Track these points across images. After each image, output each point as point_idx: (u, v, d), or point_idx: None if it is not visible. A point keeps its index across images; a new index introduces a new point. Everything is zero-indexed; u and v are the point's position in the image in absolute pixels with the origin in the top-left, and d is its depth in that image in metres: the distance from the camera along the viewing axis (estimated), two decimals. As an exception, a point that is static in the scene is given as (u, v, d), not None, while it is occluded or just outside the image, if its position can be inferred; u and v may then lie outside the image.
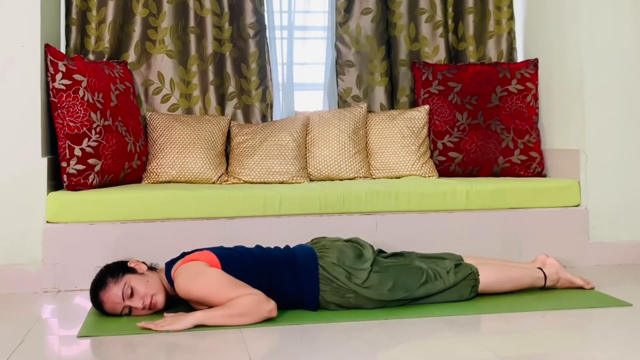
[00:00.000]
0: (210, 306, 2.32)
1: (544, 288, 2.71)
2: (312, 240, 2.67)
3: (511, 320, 2.39)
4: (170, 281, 2.41)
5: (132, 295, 2.36)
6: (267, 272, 2.42)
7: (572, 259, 3.20)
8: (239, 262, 2.42)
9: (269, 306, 2.29)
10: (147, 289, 2.38)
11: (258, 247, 2.58)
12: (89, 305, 2.59)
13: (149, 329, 2.22)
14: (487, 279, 2.58)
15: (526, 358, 2.01)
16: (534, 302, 2.57)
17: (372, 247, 2.59)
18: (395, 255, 2.65)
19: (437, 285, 2.50)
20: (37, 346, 2.15)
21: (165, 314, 2.33)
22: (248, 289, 2.29)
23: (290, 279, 2.43)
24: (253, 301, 2.27)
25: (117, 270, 2.41)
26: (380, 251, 2.66)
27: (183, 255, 2.48)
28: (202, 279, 2.30)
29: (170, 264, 2.46)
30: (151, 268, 2.51)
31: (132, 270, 2.42)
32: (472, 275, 2.56)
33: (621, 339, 2.16)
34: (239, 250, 2.53)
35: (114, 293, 2.35)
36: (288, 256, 2.49)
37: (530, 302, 2.57)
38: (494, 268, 2.64)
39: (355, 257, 2.50)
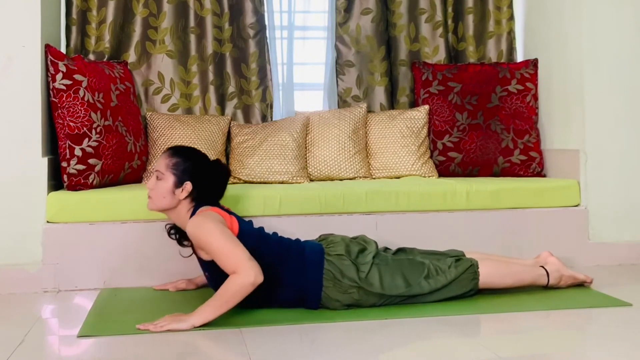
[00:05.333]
0: (205, 258, 2.40)
1: (547, 287, 2.71)
2: (319, 237, 2.69)
3: (511, 320, 2.39)
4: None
5: (157, 178, 2.47)
6: (276, 260, 2.44)
7: (572, 259, 3.20)
8: (255, 242, 2.43)
9: (252, 280, 2.25)
10: (155, 188, 2.46)
11: (275, 234, 2.59)
12: (89, 305, 2.60)
13: (148, 330, 2.22)
14: (488, 272, 2.59)
15: (526, 358, 2.02)
16: (534, 302, 2.57)
17: (376, 243, 2.61)
18: (397, 251, 2.66)
19: (439, 280, 2.51)
20: (37, 346, 2.15)
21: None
22: (242, 258, 2.28)
23: (296, 272, 2.44)
24: (238, 286, 2.25)
25: (184, 161, 2.48)
26: (386, 249, 2.67)
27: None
28: (214, 230, 2.31)
29: (198, 207, 2.47)
30: (198, 199, 2.49)
31: (177, 173, 2.46)
32: (472, 268, 2.56)
33: (621, 339, 2.16)
34: (260, 231, 2.54)
35: (160, 160, 2.50)
36: (298, 248, 2.51)
37: (530, 302, 2.57)
38: (494, 262, 2.66)
39: (359, 252, 2.53)
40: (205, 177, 2.50)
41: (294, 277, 2.44)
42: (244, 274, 2.26)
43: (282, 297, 2.45)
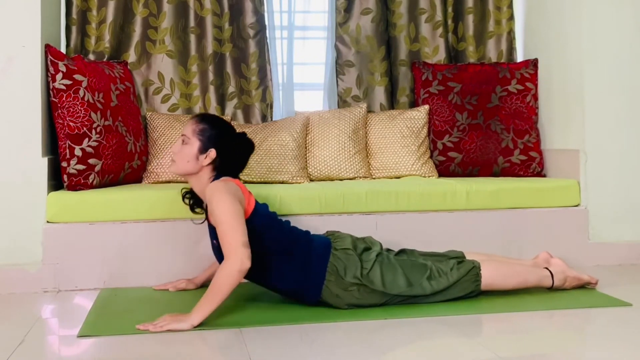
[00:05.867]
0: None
1: (551, 289, 2.70)
2: (327, 232, 2.70)
3: (511, 320, 2.39)
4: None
5: (183, 142, 2.50)
6: (284, 246, 2.46)
7: (572, 259, 3.19)
8: (266, 224, 2.47)
9: (238, 266, 2.27)
10: (180, 152, 2.49)
11: (287, 222, 2.61)
12: (89, 305, 2.60)
13: (148, 330, 2.22)
14: (490, 274, 2.58)
15: (526, 358, 2.02)
16: (534, 302, 2.57)
17: (381, 244, 2.62)
18: (399, 252, 2.67)
19: (441, 282, 2.51)
20: (37, 346, 2.15)
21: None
22: (236, 241, 2.29)
23: (301, 262, 2.46)
24: (226, 273, 2.26)
25: (211, 128, 2.50)
26: (388, 250, 2.68)
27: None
28: (227, 202, 2.33)
29: (220, 177, 2.50)
30: (220, 169, 2.51)
31: (202, 139, 2.48)
32: (474, 270, 2.56)
33: (621, 338, 2.16)
34: (273, 216, 2.57)
35: (188, 126, 2.52)
36: (306, 240, 2.53)
37: (530, 302, 2.57)
38: (497, 264, 2.65)
39: (364, 249, 2.54)
40: (229, 147, 2.52)
41: (299, 266, 2.46)
42: (232, 260, 2.27)
43: (283, 284, 2.48)
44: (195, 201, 2.65)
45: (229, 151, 2.52)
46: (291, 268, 2.46)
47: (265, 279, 2.50)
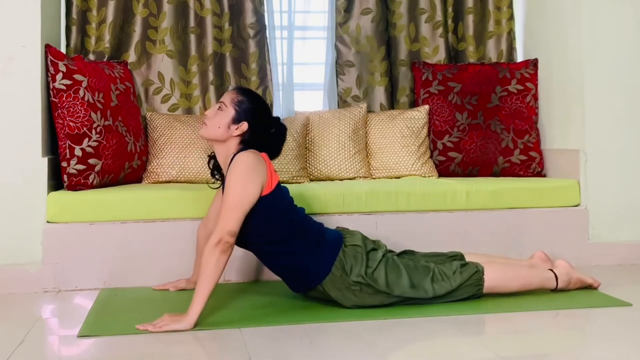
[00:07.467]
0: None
1: (555, 290, 2.69)
2: (337, 228, 2.71)
3: (512, 320, 2.39)
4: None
5: (219, 108, 2.52)
6: (296, 233, 2.48)
7: (572, 259, 3.18)
8: (283, 206, 2.48)
9: (220, 248, 2.30)
10: (213, 117, 2.50)
11: (302, 209, 2.62)
12: (89, 305, 2.60)
13: (147, 330, 2.22)
14: (493, 277, 2.57)
15: (526, 358, 2.02)
16: (534, 302, 2.57)
17: (386, 247, 2.62)
18: (401, 254, 2.67)
19: (444, 286, 2.51)
20: (37, 346, 2.15)
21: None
22: (228, 225, 2.31)
23: (310, 252, 2.47)
24: (208, 254, 2.29)
25: (249, 102, 2.52)
26: (390, 251, 2.68)
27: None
28: (243, 185, 2.35)
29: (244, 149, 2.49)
30: (247, 144, 2.50)
31: (238, 110, 2.49)
32: (477, 274, 2.55)
33: (621, 339, 2.16)
34: (291, 201, 2.57)
35: (227, 94, 2.55)
36: (320, 231, 2.54)
37: (531, 302, 2.57)
38: (500, 267, 2.63)
39: (372, 249, 2.55)
40: (261, 125, 2.53)
41: (310, 246, 2.47)
42: (213, 240, 2.29)
43: (289, 261, 2.49)
44: (216, 166, 2.67)
45: (260, 129, 2.53)
46: (302, 248, 2.47)
47: (273, 254, 2.50)
